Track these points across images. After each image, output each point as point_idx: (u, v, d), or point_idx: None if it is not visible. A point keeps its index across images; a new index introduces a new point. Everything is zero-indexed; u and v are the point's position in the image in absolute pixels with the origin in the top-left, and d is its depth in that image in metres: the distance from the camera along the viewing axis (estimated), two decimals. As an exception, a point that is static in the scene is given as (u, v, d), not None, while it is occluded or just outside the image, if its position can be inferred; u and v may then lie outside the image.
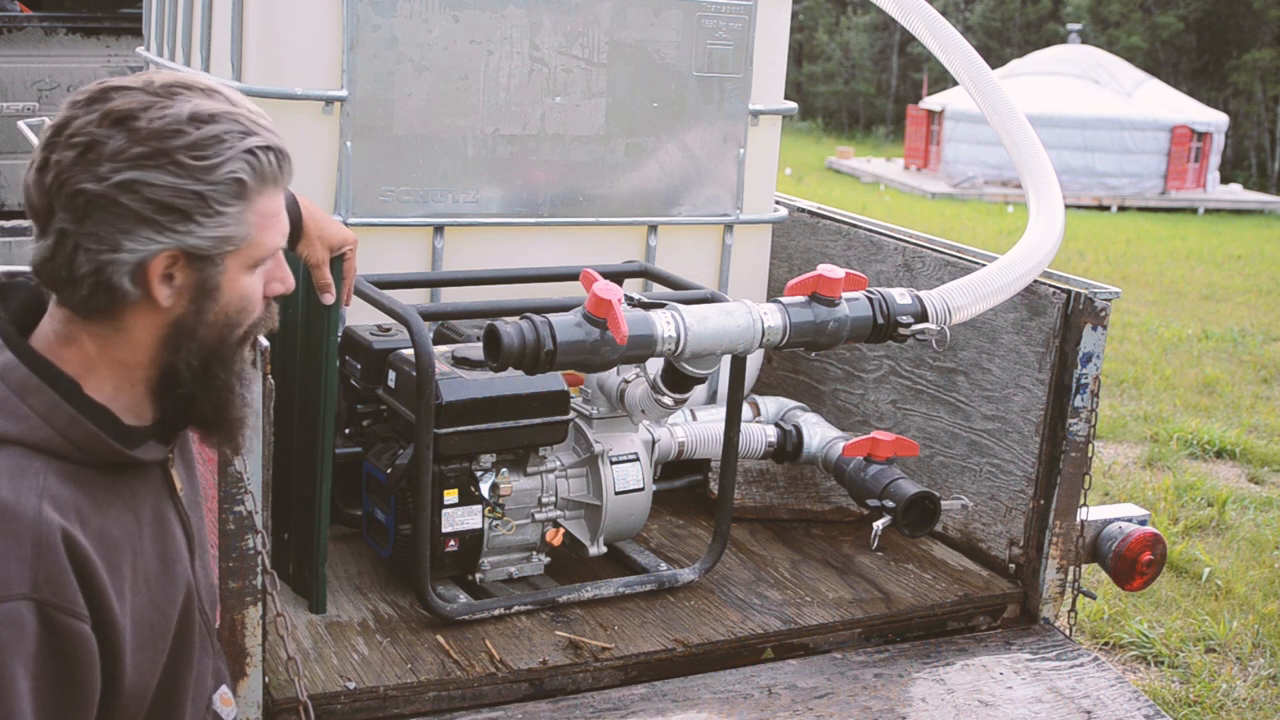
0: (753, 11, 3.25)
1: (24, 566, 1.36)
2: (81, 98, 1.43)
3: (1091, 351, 2.90)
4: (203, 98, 1.44)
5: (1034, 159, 3.17)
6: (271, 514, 2.36)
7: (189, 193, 1.40)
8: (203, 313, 1.47)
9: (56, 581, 1.38)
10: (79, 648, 1.40)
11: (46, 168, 1.41)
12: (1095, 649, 4.63)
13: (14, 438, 1.41)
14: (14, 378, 1.43)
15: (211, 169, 1.41)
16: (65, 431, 1.44)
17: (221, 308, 1.48)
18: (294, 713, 2.26)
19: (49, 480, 1.41)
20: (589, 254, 3.16)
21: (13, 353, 1.45)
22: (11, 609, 1.35)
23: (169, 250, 1.41)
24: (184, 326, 1.47)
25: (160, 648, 1.55)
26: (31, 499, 1.38)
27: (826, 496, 3.36)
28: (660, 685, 2.59)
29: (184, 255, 1.43)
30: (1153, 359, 9.41)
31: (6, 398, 1.42)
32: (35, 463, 1.41)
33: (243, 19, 2.91)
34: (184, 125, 1.40)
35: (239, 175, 1.43)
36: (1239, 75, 32.41)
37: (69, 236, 1.39)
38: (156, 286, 1.43)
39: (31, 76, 5.58)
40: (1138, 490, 6.41)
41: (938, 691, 2.68)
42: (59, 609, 1.38)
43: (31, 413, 1.42)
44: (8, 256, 5.55)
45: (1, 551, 1.35)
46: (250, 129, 1.45)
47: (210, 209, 1.42)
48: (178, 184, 1.40)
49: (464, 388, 2.67)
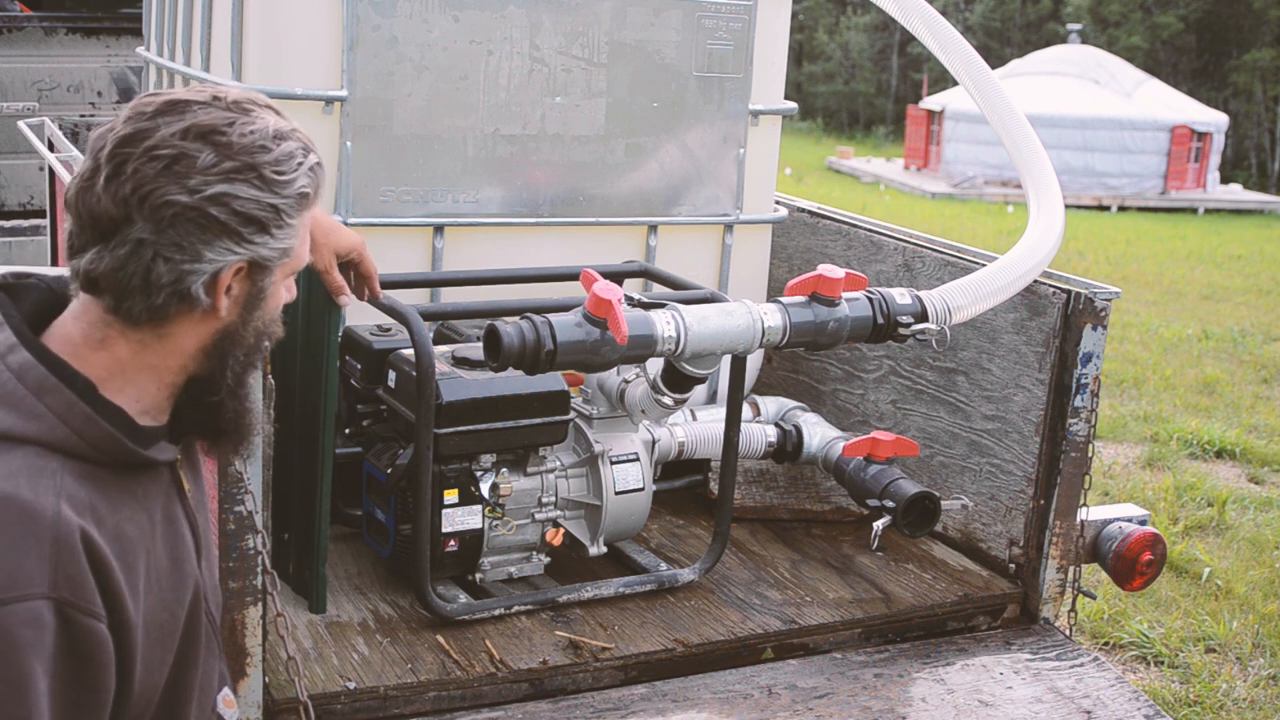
0: (753, 11, 3.26)
1: (44, 565, 1.37)
2: (148, 109, 1.46)
3: (1091, 351, 2.90)
4: (273, 115, 1.52)
5: (1034, 159, 3.17)
6: (271, 514, 2.36)
7: (268, 205, 1.47)
8: (249, 322, 1.54)
9: (75, 581, 1.39)
10: (96, 648, 1.41)
11: (119, 178, 1.43)
12: (1095, 649, 4.63)
13: (31, 437, 1.42)
14: (31, 377, 1.44)
15: (288, 184, 1.49)
16: (81, 431, 1.45)
17: (262, 316, 1.56)
18: (294, 713, 2.26)
19: (65, 480, 1.42)
20: (589, 254, 3.16)
21: (29, 353, 1.46)
22: (32, 608, 1.35)
23: (242, 260, 1.48)
24: (232, 335, 1.53)
25: (168, 647, 1.56)
26: (50, 498, 1.39)
27: (826, 496, 3.36)
28: (660, 685, 2.59)
29: (249, 266, 1.50)
30: (1153, 359, 9.41)
31: (24, 397, 1.43)
32: (52, 462, 1.42)
33: (243, 19, 2.91)
34: (269, 142, 1.48)
35: (306, 190, 1.51)
36: (1239, 75, 32.41)
37: (147, 246, 1.43)
38: (220, 296, 1.49)
39: (31, 76, 5.59)
40: (1138, 490, 6.41)
41: (938, 691, 2.68)
42: (77, 608, 1.39)
43: (48, 412, 1.43)
44: (8, 256, 5.56)
45: (21, 550, 1.36)
46: (309, 146, 1.54)
47: (282, 221, 1.49)
48: (260, 197, 1.47)
49: (464, 388, 2.67)
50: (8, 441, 1.41)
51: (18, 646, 1.34)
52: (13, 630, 1.34)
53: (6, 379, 1.43)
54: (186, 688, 1.61)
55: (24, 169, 5.68)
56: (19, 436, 1.41)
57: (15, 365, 1.44)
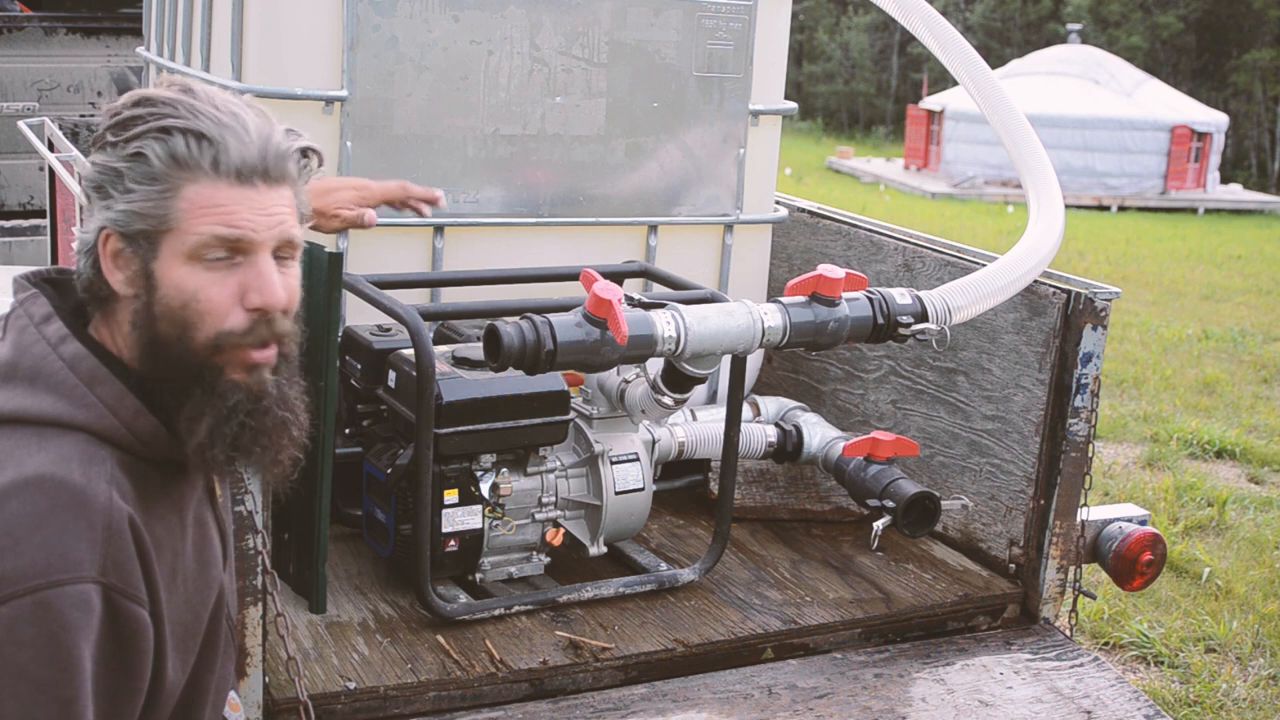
0: (753, 11, 3.26)
1: (94, 550, 1.38)
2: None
3: (1091, 351, 2.90)
4: (164, 90, 1.48)
5: (1034, 159, 3.17)
6: (271, 514, 2.36)
7: (109, 169, 1.47)
8: (152, 304, 1.47)
9: (123, 568, 1.40)
10: (139, 634, 1.43)
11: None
12: (1095, 649, 4.63)
13: (81, 424, 1.44)
14: (83, 368, 1.46)
15: (124, 144, 1.46)
16: (130, 423, 1.46)
17: (163, 299, 1.46)
18: (294, 713, 2.26)
19: (114, 469, 1.44)
20: (589, 254, 3.16)
21: (80, 344, 1.48)
22: (82, 591, 1.37)
23: (105, 229, 1.47)
24: (140, 318, 1.48)
25: (190, 649, 1.57)
26: (102, 485, 1.41)
27: (826, 496, 3.36)
28: (660, 685, 2.59)
29: (115, 234, 1.47)
30: (1153, 359, 9.41)
31: (75, 386, 1.45)
32: (101, 451, 1.44)
33: (243, 19, 2.91)
34: (119, 107, 1.48)
35: (143, 151, 1.45)
36: (1239, 75, 32.40)
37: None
38: (109, 269, 1.48)
39: (31, 76, 5.59)
40: (1138, 490, 6.41)
41: (938, 691, 2.68)
42: (124, 594, 1.41)
43: (99, 402, 1.45)
44: (8, 256, 5.56)
45: (73, 534, 1.37)
46: (184, 114, 1.46)
47: (122, 184, 1.46)
48: (106, 161, 1.47)
49: (464, 388, 2.67)
50: (60, 428, 1.43)
51: (68, 628, 1.35)
52: (63, 612, 1.35)
53: (59, 368, 1.45)
54: (203, 690, 1.61)
55: (24, 169, 5.69)
56: (70, 423, 1.43)
57: (68, 356, 1.46)
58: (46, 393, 1.44)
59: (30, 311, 1.50)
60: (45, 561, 1.35)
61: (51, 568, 1.35)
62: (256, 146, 1.47)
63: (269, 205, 1.49)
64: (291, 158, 1.52)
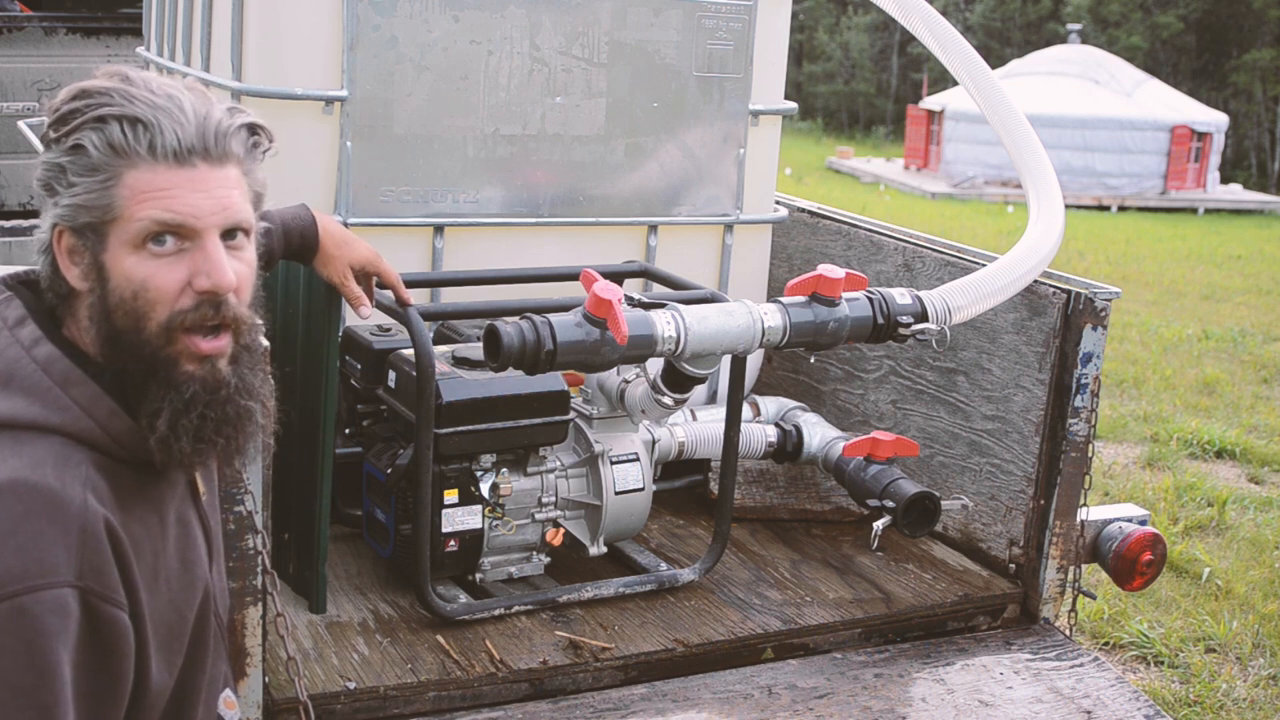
0: (753, 11, 3.25)
1: (70, 554, 1.37)
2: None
3: (1091, 351, 2.90)
4: (101, 80, 1.46)
5: (1034, 159, 3.17)
6: (271, 514, 2.36)
7: (54, 166, 1.45)
8: (105, 296, 1.46)
9: (100, 571, 1.40)
10: (118, 637, 1.42)
11: None
12: (1095, 649, 4.63)
13: (56, 427, 1.43)
14: (57, 370, 1.45)
15: (64, 139, 1.44)
16: (105, 424, 1.45)
17: (115, 290, 1.45)
18: (294, 713, 2.26)
19: (90, 471, 1.43)
20: (589, 254, 3.16)
21: (54, 346, 1.47)
22: (58, 596, 1.36)
23: (57, 225, 1.46)
24: (95, 311, 1.47)
25: (176, 649, 1.56)
26: (77, 488, 1.40)
27: (826, 496, 3.36)
28: (660, 685, 2.59)
29: (67, 230, 1.46)
30: (1153, 359, 9.41)
31: (49, 389, 1.44)
32: (77, 453, 1.43)
33: (243, 19, 2.91)
34: (59, 103, 1.46)
35: (81, 143, 1.43)
36: (1239, 75, 32.40)
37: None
38: (65, 265, 1.47)
39: (31, 76, 5.59)
40: (1138, 490, 6.41)
41: (938, 691, 2.68)
42: (102, 598, 1.40)
43: (73, 404, 1.44)
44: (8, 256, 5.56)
45: (48, 538, 1.37)
46: (119, 102, 1.44)
47: (66, 179, 1.44)
48: (51, 159, 1.46)
49: (464, 388, 2.67)
50: (33, 431, 1.42)
51: (44, 633, 1.35)
52: (40, 617, 1.35)
53: (32, 371, 1.44)
54: (193, 690, 1.60)
55: (24, 169, 5.68)
56: (44, 426, 1.42)
57: (41, 358, 1.45)
58: (20, 396, 1.43)
59: (4, 315, 1.48)
60: (20, 567, 1.34)
61: (27, 573, 1.34)
62: (193, 126, 1.44)
63: (212, 186, 1.46)
64: (235, 135, 1.48)
